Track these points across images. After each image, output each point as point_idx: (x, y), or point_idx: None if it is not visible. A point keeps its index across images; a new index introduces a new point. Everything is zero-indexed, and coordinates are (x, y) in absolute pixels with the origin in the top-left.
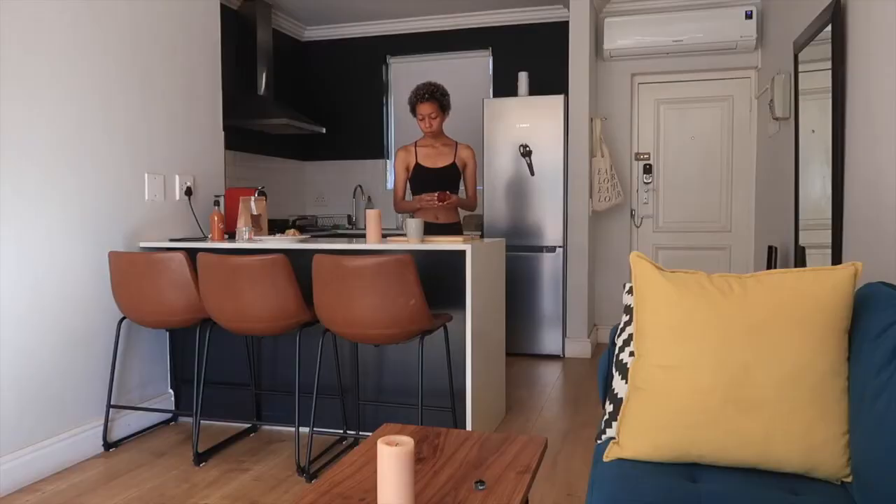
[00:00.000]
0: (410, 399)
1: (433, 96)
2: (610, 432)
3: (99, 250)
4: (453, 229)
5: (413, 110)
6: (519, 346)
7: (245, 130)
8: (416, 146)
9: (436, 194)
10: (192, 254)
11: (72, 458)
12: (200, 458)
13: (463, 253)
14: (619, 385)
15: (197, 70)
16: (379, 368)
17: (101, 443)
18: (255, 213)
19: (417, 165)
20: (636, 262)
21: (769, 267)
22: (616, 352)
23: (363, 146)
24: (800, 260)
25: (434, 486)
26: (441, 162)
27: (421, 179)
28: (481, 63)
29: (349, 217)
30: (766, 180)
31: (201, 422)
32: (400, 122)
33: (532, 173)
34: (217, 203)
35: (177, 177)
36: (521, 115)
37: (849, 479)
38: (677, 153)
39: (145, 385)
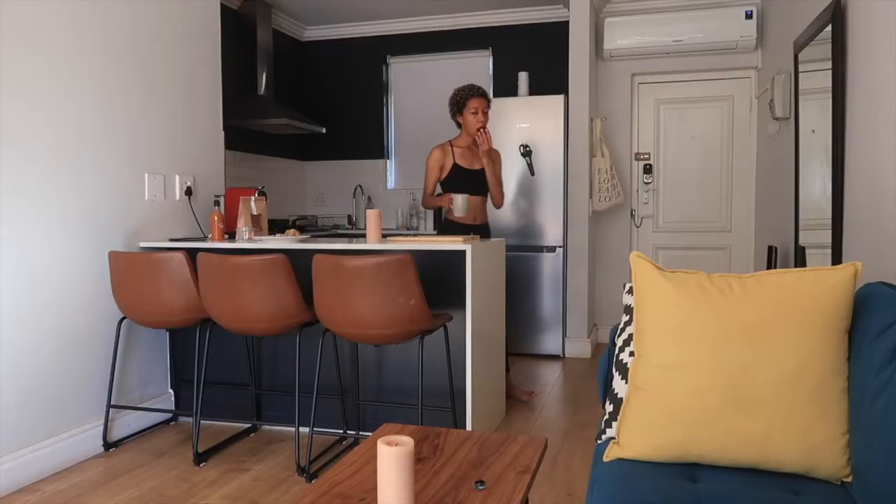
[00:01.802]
0: (410, 399)
1: (485, 94)
2: (610, 432)
3: (99, 250)
4: (486, 227)
5: (460, 109)
6: (519, 346)
7: (245, 130)
8: (451, 146)
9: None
10: (192, 254)
11: (72, 458)
12: (200, 458)
13: (463, 253)
14: (619, 385)
15: (197, 70)
16: (379, 368)
17: (101, 443)
18: (255, 213)
19: (455, 166)
20: (636, 262)
21: (769, 267)
22: (616, 352)
23: (363, 146)
24: (800, 260)
25: (434, 486)
26: (478, 164)
27: (458, 180)
28: (481, 63)
29: (349, 217)
30: (766, 180)
31: (201, 422)
32: (400, 121)
33: (532, 173)
34: (217, 203)
35: (177, 177)
36: (521, 115)
37: (849, 479)
38: (677, 153)
39: (145, 385)
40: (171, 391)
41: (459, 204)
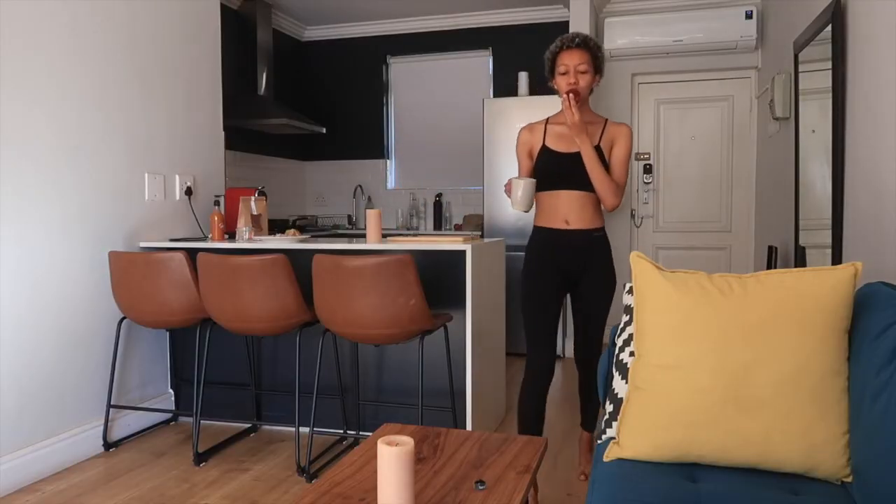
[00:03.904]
0: (410, 399)
1: (585, 44)
2: (610, 432)
3: (99, 250)
4: (592, 239)
5: (552, 71)
6: (519, 346)
7: (245, 130)
8: (546, 124)
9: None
10: (192, 254)
11: (72, 458)
12: (200, 458)
13: (463, 253)
14: (619, 385)
15: (197, 70)
16: (379, 368)
17: (101, 443)
18: (255, 213)
19: (544, 149)
20: (636, 262)
21: (769, 267)
22: (616, 352)
23: (363, 146)
24: (800, 260)
25: (434, 486)
26: (577, 145)
27: (543, 167)
28: (481, 63)
29: (349, 217)
30: (766, 180)
31: (201, 422)
32: (400, 121)
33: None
34: (217, 203)
35: (177, 177)
36: (521, 115)
37: (849, 479)
38: (677, 153)
39: (145, 385)
40: (171, 391)
41: (517, 193)
